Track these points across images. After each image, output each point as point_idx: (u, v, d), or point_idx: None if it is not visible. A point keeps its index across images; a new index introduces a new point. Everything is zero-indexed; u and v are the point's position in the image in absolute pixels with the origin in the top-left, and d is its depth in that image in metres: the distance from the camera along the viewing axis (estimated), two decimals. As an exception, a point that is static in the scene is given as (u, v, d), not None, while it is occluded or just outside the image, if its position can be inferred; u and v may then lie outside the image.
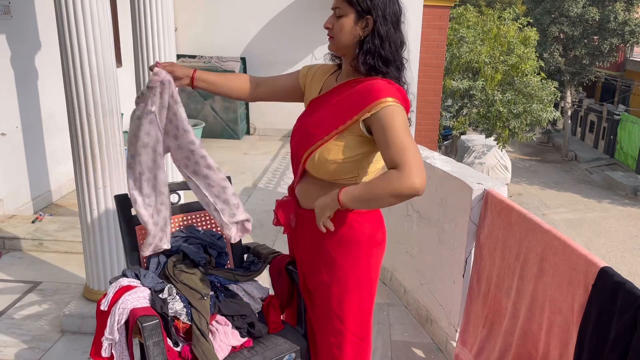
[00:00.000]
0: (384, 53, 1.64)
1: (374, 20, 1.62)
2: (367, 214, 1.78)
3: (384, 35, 1.63)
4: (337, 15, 1.67)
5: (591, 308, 1.78)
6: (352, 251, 1.78)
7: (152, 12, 3.09)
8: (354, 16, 1.64)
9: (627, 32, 18.78)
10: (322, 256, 1.80)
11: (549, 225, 2.12)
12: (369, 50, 1.64)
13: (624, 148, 20.40)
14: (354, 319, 1.84)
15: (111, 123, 2.58)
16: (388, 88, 1.61)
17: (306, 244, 1.85)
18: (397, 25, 1.67)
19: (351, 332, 1.85)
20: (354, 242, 1.77)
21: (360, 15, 1.63)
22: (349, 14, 1.64)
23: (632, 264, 12.76)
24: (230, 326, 1.86)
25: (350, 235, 1.76)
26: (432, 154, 3.17)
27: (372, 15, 1.62)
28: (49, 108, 4.38)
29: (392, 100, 1.58)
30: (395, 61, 1.68)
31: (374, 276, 1.86)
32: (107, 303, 1.80)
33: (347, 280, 1.79)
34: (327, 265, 1.79)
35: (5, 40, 3.88)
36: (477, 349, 2.52)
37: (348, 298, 1.81)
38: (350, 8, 1.64)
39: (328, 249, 1.78)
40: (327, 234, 1.70)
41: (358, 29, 1.65)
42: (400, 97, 1.62)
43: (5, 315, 2.91)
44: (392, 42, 1.65)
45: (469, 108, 14.75)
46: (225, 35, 7.13)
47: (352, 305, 1.82)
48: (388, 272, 3.55)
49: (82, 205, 2.67)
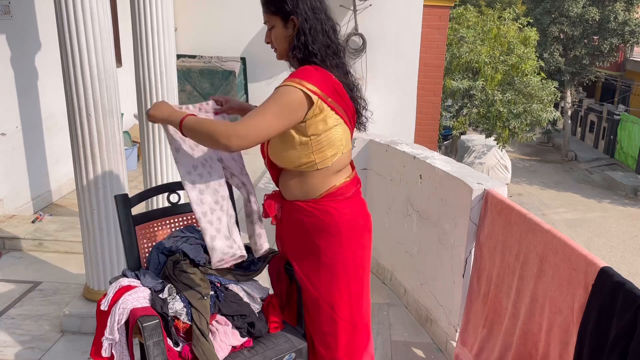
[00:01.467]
0: (311, 47, 1.76)
1: (298, 19, 1.75)
2: (345, 201, 1.86)
3: (307, 30, 1.75)
4: (269, 28, 1.82)
5: (591, 308, 1.78)
6: (334, 238, 1.85)
7: (152, 12, 3.09)
8: (281, 22, 1.78)
9: (627, 32, 18.78)
10: (307, 245, 1.88)
11: (549, 225, 2.12)
12: (296, 47, 1.77)
13: (624, 148, 20.40)
14: (344, 306, 1.90)
15: (111, 123, 2.58)
16: (304, 72, 1.72)
17: (291, 234, 1.93)
18: (322, 15, 1.79)
19: (343, 319, 1.91)
20: (334, 228, 1.84)
21: (285, 19, 1.77)
22: (277, 23, 1.79)
23: (632, 264, 12.76)
24: (231, 326, 1.86)
25: (330, 222, 1.84)
26: (432, 154, 3.17)
27: (295, 15, 1.75)
28: (49, 108, 4.38)
29: (297, 81, 1.68)
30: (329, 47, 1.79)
31: (360, 262, 1.92)
32: (107, 303, 1.80)
33: (333, 267, 1.87)
34: (312, 254, 1.88)
35: (6, 40, 3.88)
36: (477, 349, 2.52)
37: (336, 285, 1.88)
38: (275, 17, 1.79)
39: (312, 238, 1.86)
40: (309, 223, 1.83)
41: (289, 32, 1.79)
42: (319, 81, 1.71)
43: (5, 315, 2.91)
44: (319, 30, 1.77)
45: (469, 108, 14.75)
46: (225, 35, 7.13)
47: (341, 292, 1.89)
48: (388, 272, 3.55)
49: (82, 205, 2.66)
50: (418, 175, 3.09)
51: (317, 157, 1.78)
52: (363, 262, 1.93)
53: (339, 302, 1.90)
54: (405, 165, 3.25)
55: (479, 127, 16.29)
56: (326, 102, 1.73)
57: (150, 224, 2.06)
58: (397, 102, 7.19)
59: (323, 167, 1.80)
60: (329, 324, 1.92)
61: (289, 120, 1.69)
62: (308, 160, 1.78)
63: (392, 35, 6.93)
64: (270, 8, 1.78)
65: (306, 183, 1.83)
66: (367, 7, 6.80)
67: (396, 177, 3.37)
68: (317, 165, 1.79)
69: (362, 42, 6.85)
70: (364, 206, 1.94)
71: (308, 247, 1.88)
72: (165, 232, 2.08)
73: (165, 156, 3.29)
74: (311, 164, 1.78)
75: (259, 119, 1.65)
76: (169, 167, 3.31)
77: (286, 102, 1.67)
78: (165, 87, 3.21)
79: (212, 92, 6.63)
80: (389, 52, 6.97)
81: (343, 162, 1.86)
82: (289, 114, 1.68)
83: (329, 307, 1.90)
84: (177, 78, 3.37)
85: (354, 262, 1.90)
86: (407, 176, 3.23)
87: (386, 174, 3.49)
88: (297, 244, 1.92)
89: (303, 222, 1.86)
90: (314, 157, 1.78)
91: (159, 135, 3.24)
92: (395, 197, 3.39)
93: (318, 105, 1.71)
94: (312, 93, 1.69)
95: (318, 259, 1.87)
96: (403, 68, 7.07)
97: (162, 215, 2.11)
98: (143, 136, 3.28)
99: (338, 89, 1.78)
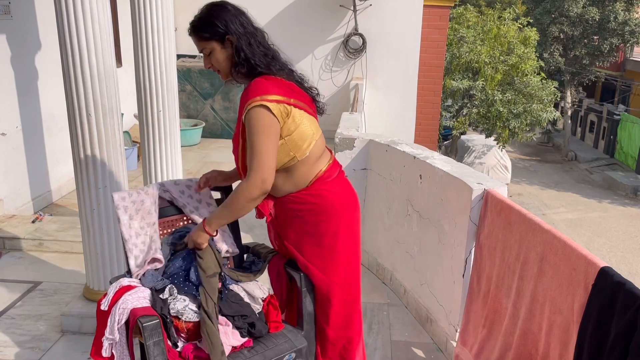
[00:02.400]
0: (253, 60, 1.85)
1: (234, 36, 1.84)
2: (334, 181, 1.97)
3: (243, 46, 1.85)
4: (207, 54, 1.89)
5: (591, 308, 1.78)
6: (332, 217, 1.95)
7: (152, 12, 3.09)
8: (218, 45, 1.86)
9: (627, 32, 18.78)
10: (306, 232, 1.96)
11: (549, 225, 2.12)
12: (238, 63, 1.86)
13: (624, 148, 20.40)
14: (348, 283, 2.02)
15: (111, 123, 2.58)
16: (259, 86, 1.81)
17: (289, 226, 1.99)
18: (247, 25, 1.88)
19: (350, 295, 2.03)
20: (330, 209, 1.95)
21: (221, 41, 1.86)
22: (214, 47, 1.86)
23: (632, 264, 12.77)
24: (231, 326, 1.86)
25: (324, 203, 1.94)
26: (432, 154, 3.17)
27: (229, 34, 1.84)
28: (49, 108, 4.38)
29: (259, 99, 1.77)
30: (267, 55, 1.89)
31: (356, 236, 2.06)
32: (107, 303, 1.80)
33: (334, 247, 1.97)
34: (313, 239, 1.96)
35: (6, 40, 3.88)
36: (477, 349, 2.52)
37: (341, 263, 2.00)
38: (210, 42, 1.86)
39: (310, 223, 1.95)
40: (305, 210, 1.92)
41: (228, 51, 1.87)
42: (273, 88, 1.81)
43: (5, 315, 2.91)
44: (254, 43, 1.87)
45: (469, 108, 14.76)
46: (225, 35, 7.13)
47: (346, 269, 2.02)
48: (388, 272, 3.55)
49: (82, 205, 2.67)
50: (418, 175, 3.09)
51: (296, 152, 1.87)
52: (357, 236, 2.07)
53: (345, 280, 2.01)
54: (405, 165, 3.25)
55: (479, 127, 16.30)
56: (290, 104, 1.83)
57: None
58: (397, 102, 7.19)
59: (303, 157, 1.88)
60: (341, 305, 2.02)
61: (277, 135, 1.81)
62: (288, 158, 1.87)
63: (392, 35, 6.92)
64: (203, 36, 1.86)
65: (293, 176, 1.91)
66: (367, 7, 6.80)
67: (396, 177, 3.37)
68: (297, 158, 1.88)
69: (362, 42, 6.85)
70: (349, 184, 2.06)
71: (308, 234, 1.96)
72: (165, 232, 2.08)
73: (165, 156, 3.29)
74: (292, 159, 1.87)
75: (260, 158, 1.77)
76: (169, 167, 3.31)
77: (266, 127, 1.78)
78: (165, 87, 3.21)
79: (212, 92, 6.63)
80: (389, 52, 6.97)
81: (320, 148, 1.95)
82: (274, 132, 1.79)
83: (339, 288, 2.00)
84: (177, 78, 3.38)
85: (352, 237, 2.02)
86: (407, 176, 3.23)
87: (386, 174, 3.49)
88: (297, 234, 1.98)
89: (299, 210, 1.94)
90: (293, 153, 1.86)
91: (159, 135, 3.25)
92: (395, 197, 3.39)
93: (284, 111, 1.82)
94: (275, 103, 1.79)
95: (320, 242, 1.96)
96: (403, 68, 7.07)
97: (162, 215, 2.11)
98: (143, 136, 3.28)
99: (293, 88, 1.90)
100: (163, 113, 3.22)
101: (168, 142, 3.29)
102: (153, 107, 3.20)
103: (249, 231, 3.41)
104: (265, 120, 1.77)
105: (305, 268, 1.99)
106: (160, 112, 3.21)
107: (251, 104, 1.77)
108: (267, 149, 1.77)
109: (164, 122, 3.24)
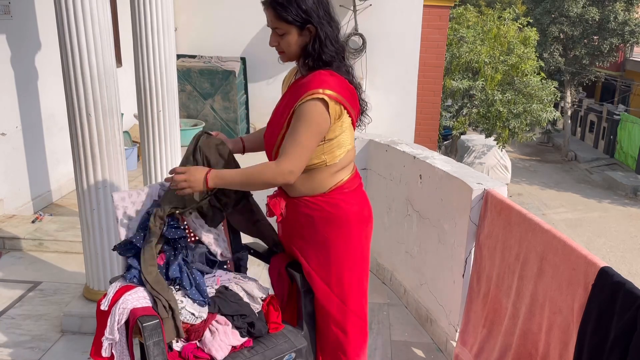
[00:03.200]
0: (324, 56, 1.79)
1: (315, 27, 1.76)
2: (352, 193, 1.92)
3: (323, 38, 1.77)
4: (279, 34, 1.79)
5: (591, 308, 1.78)
6: (343, 229, 1.90)
7: (152, 12, 3.09)
8: (296, 31, 1.77)
9: (627, 32, 18.77)
10: (316, 239, 1.91)
11: (549, 225, 2.12)
12: (309, 54, 1.79)
13: (624, 148, 20.39)
14: (353, 298, 1.96)
15: (111, 123, 2.58)
16: (324, 80, 1.76)
17: (298, 230, 1.95)
18: (331, 19, 1.80)
19: (352, 311, 1.96)
20: (344, 221, 1.90)
21: (301, 28, 1.77)
22: (291, 31, 1.77)
23: (632, 264, 12.76)
24: (230, 326, 1.86)
25: (339, 214, 1.89)
26: (432, 154, 3.17)
27: (311, 24, 1.76)
28: (49, 108, 4.38)
29: (321, 91, 1.72)
30: (338, 54, 1.82)
31: (366, 252, 1.99)
32: (107, 303, 1.80)
33: (342, 259, 1.92)
34: (321, 248, 1.92)
35: (5, 40, 3.88)
36: (477, 349, 2.52)
37: (346, 277, 1.93)
38: (289, 26, 1.77)
39: (321, 231, 1.90)
40: (318, 217, 1.87)
41: (304, 39, 1.79)
42: (337, 87, 1.76)
43: (5, 315, 2.91)
44: (331, 38, 1.79)
45: (469, 108, 14.76)
46: (225, 35, 7.13)
47: (350, 283, 1.94)
48: (388, 272, 3.55)
49: (82, 205, 2.67)
50: (418, 175, 3.09)
51: (328, 157, 1.84)
52: (367, 253, 2.01)
53: (349, 294, 1.95)
54: (405, 165, 3.25)
55: (479, 127, 16.29)
56: (345, 108, 1.79)
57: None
58: (397, 102, 7.19)
59: (332, 163, 1.85)
60: (340, 318, 1.96)
61: (322, 135, 1.78)
62: (318, 161, 1.84)
63: (392, 35, 6.92)
64: (283, 16, 1.75)
65: (314, 180, 1.87)
66: (367, 7, 6.80)
67: (396, 177, 3.37)
68: (326, 163, 1.85)
69: (362, 42, 6.85)
70: (367, 198, 2.01)
71: (317, 242, 1.91)
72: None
73: (165, 156, 3.29)
74: (321, 163, 1.84)
75: (299, 149, 1.74)
76: (169, 167, 3.31)
77: (317, 122, 1.74)
78: (165, 87, 3.21)
79: (212, 92, 6.63)
80: (389, 52, 6.96)
81: (349, 159, 1.92)
82: (322, 130, 1.76)
83: (340, 301, 1.95)
84: (177, 78, 3.38)
85: (361, 253, 1.97)
86: (407, 176, 3.23)
87: (386, 174, 3.49)
88: (305, 240, 1.94)
89: (312, 216, 1.89)
90: (325, 157, 1.84)
91: (158, 135, 3.25)
92: (395, 197, 3.40)
93: (338, 112, 1.77)
94: (334, 101, 1.74)
95: (328, 252, 1.91)
96: (403, 68, 7.06)
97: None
98: (143, 136, 3.28)
99: (352, 93, 1.84)
100: (163, 113, 3.22)
101: (168, 142, 3.29)
102: (153, 107, 3.20)
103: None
104: (320, 115, 1.74)
105: (308, 276, 1.95)
106: (160, 112, 3.21)
107: (312, 95, 1.73)
108: (308, 144, 1.74)
109: (164, 122, 3.24)
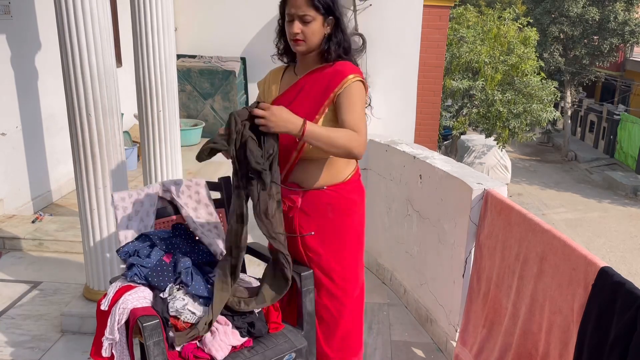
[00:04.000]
0: (346, 44, 1.95)
1: (336, 18, 1.90)
2: (354, 183, 2.06)
3: (344, 29, 1.95)
4: (306, 21, 1.88)
5: (591, 308, 1.78)
6: (357, 214, 2.06)
7: (152, 11, 3.09)
8: (321, 19, 1.89)
9: (627, 32, 18.77)
10: (333, 229, 2.02)
11: (549, 225, 2.12)
12: (338, 43, 1.93)
13: (624, 148, 20.39)
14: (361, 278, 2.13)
15: (111, 123, 2.58)
16: (354, 67, 1.94)
17: (315, 221, 2.01)
18: (343, 14, 1.95)
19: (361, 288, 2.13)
20: (358, 205, 2.06)
21: (325, 17, 1.89)
22: (317, 19, 1.88)
23: (632, 264, 12.76)
24: (231, 326, 1.86)
25: (356, 199, 2.05)
26: (432, 154, 3.17)
27: (334, 15, 1.90)
28: (49, 108, 4.38)
29: (359, 75, 1.90)
30: (350, 47, 1.98)
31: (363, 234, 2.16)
32: (107, 303, 1.80)
33: (355, 243, 2.07)
34: (339, 232, 2.03)
35: (5, 40, 3.88)
36: (477, 349, 2.52)
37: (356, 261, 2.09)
38: (317, 13, 1.87)
39: (339, 218, 2.01)
40: (337, 206, 1.99)
41: (326, 30, 1.91)
42: (361, 75, 1.94)
43: (5, 315, 2.91)
44: (346, 34, 1.96)
45: (469, 108, 14.76)
46: (225, 35, 7.13)
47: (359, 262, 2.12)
48: (388, 272, 3.55)
49: (82, 205, 2.67)
50: (418, 175, 3.09)
51: None
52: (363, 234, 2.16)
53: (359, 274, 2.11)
54: (405, 165, 3.25)
55: (479, 127, 16.29)
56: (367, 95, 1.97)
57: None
58: (397, 102, 7.19)
59: None
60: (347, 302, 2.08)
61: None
62: None
63: (392, 35, 6.92)
64: (316, 5, 1.85)
65: (334, 168, 1.98)
66: (367, 7, 6.80)
67: (396, 177, 3.37)
68: None
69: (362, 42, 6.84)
70: (362, 185, 2.17)
71: (335, 227, 2.02)
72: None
73: (165, 156, 3.29)
74: None
75: (363, 126, 1.85)
76: (169, 167, 3.31)
77: (364, 102, 1.91)
78: (165, 87, 3.21)
79: (212, 92, 6.64)
80: (389, 52, 6.96)
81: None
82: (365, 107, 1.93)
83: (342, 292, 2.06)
84: (177, 78, 3.37)
85: (362, 236, 2.13)
86: (407, 176, 3.23)
87: (386, 174, 3.49)
88: (323, 228, 2.01)
89: (332, 206, 2.00)
90: None
91: (158, 135, 3.24)
92: (395, 197, 3.39)
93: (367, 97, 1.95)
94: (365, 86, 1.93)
95: (344, 237, 2.03)
96: (403, 68, 7.06)
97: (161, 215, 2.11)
98: (143, 136, 3.28)
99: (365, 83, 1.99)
100: (163, 113, 3.22)
101: (168, 142, 3.28)
102: (153, 107, 3.20)
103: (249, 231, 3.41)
104: (364, 96, 1.90)
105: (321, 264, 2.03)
106: (160, 112, 3.21)
107: (355, 78, 1.88)
108: (365, 120, 1.86)
109: (164, 122, 3.24)
